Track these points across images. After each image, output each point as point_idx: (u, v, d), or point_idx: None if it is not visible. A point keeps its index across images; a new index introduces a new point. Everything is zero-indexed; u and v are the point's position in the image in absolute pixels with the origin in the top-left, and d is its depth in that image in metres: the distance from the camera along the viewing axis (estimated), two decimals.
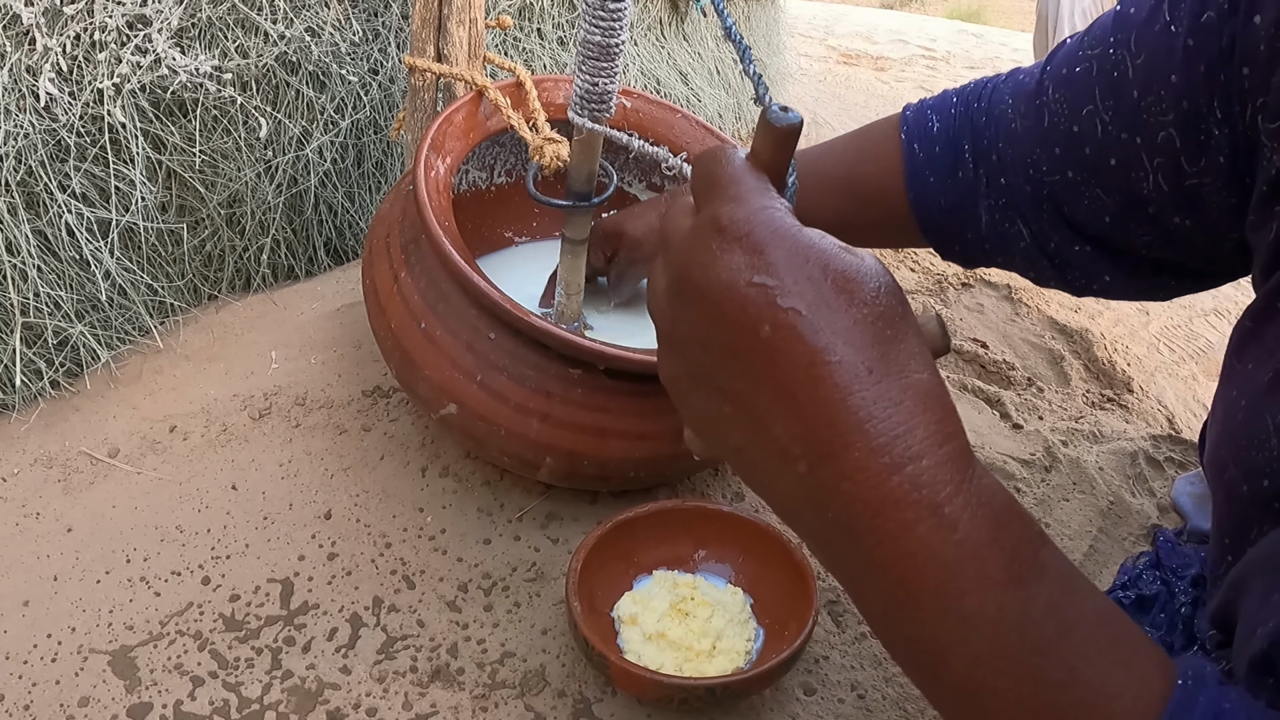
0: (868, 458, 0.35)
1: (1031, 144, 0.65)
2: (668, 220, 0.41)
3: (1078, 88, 0.61)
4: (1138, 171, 0.58)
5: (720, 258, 0.37)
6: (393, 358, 0.77)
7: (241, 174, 1.02)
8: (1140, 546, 0.94)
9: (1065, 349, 1.35)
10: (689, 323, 0.38)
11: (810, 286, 0.36)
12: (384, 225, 0.82)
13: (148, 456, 0.87)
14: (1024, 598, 0.35)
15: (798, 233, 0.37)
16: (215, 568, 0.77)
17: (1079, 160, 0.62)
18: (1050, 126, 0.63)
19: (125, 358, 0.98)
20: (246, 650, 0.71)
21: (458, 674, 0.70)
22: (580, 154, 0.74)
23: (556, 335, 0.69)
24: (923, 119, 0.75)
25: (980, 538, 0.35)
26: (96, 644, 0.70)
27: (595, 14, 0.65)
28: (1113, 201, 0.61)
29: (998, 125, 0.69)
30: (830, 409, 0.35)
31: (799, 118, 0.39)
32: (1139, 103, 0.56)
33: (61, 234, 0.90)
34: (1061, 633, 0.35)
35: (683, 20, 1.64)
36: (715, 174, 0.40)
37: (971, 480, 0.36)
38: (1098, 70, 0.59)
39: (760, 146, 0.40)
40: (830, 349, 0.35)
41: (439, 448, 0.88)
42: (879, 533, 0.35)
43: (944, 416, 0.37)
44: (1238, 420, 0.49)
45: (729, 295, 0.36)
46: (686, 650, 0.66)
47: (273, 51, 0.99)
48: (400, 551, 0.79)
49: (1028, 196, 0.67)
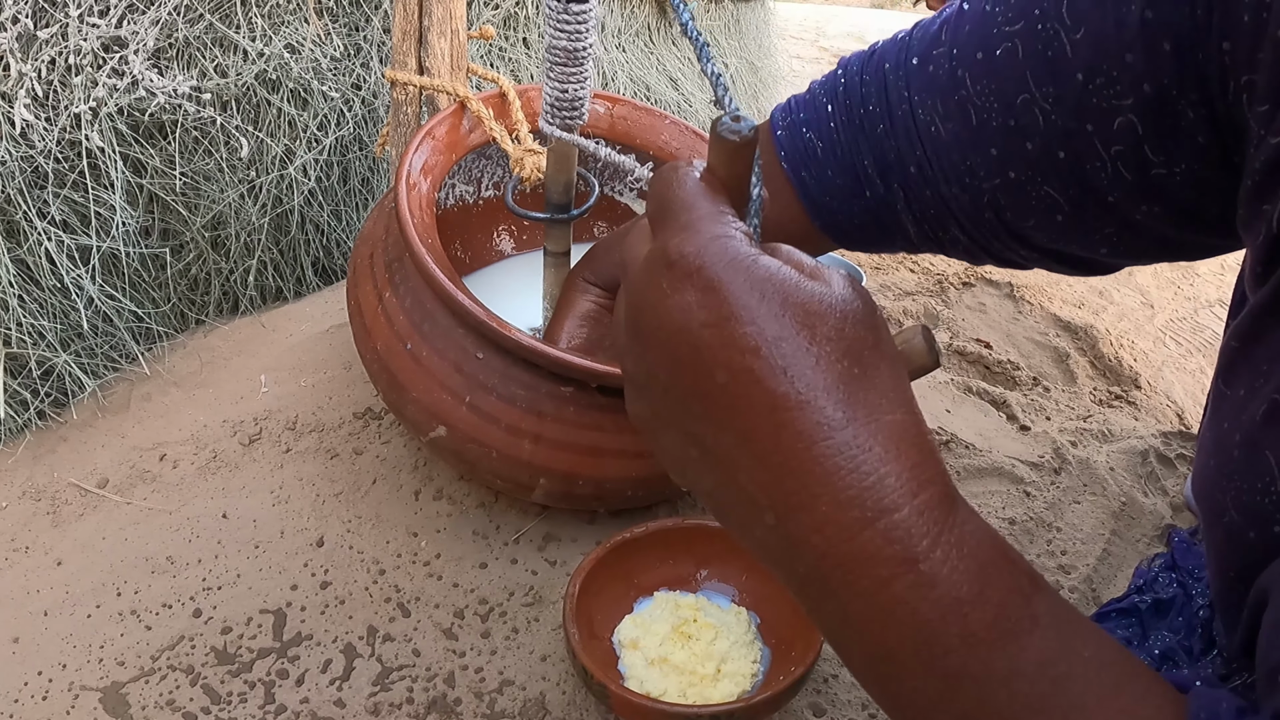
0: (836, 511, 0.32)
1: (962, 149, 0.57)
2: (626, 248, 0.39)
3: (1004, 75, 0.52)
4: (1093, 163, 0.50)
5: (670, 297, 0.34)
6: (380, 380, 0.76)
7: (224, 195, 1.00)
8: (1155, 548, 0.92)
9: (1070, 346, 1.33)
10: (648, 364, 0.36)
11: (768, 325, 0.33)
12: (368, 244, 0.80)
13: (137, 486, 0.85)
14: (1014, 652, 0.33)
15: (754, 264, 0.34)
16: (206, 599, 0.75)
17: (1021, 158, 0.54)
18: (980, 125, 0.55)
19: (112, 386, 0.97)
20: (239, 684, 0.69)
21: (455, 705, 0.68)
22: (556, 164, 0.72)
23: (546, 353, 0.67)
24: (799, 141, 0.66)
25: (962, 593, 0.33)
26: (87, 681, 0.69)
27: (559, 18, 0.63)
28: (1065, 198, 0.54)
29: (909, 133, 0.60)
30: (795, 458, 0.33)
31: (754, 127, 0.35)
32: (1085, 86, 0.48)
33: (42, 262, 0.88)
34: (1056, 686, 0.33)
35: (671, 25, 1.63)
36: (666, 198, 0.36)
37: (952, 529, 0.33)
38: (1024, 52, 0.51)
39: (715, 162, 0.37)
40: (791, 394, 0.33)
41: (432, 470, 0.86)
42: (854, 588, 0.33)
43: (919, 460, 0.34)
44: (1234, 458, 0.44)
45: (682, 339, 0.34)
46: (690, 675, 0.64)
47: (252, 70, 0.98)
48: (394, 578, 0.77)
49: (964, 206, 0.59)
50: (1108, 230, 0.54)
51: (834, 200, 0.65)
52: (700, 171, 0.37)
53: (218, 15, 0.95)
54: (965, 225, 0.61)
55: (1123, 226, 0.53)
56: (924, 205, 0.62)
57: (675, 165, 0.38)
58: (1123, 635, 0.76)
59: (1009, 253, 0.61)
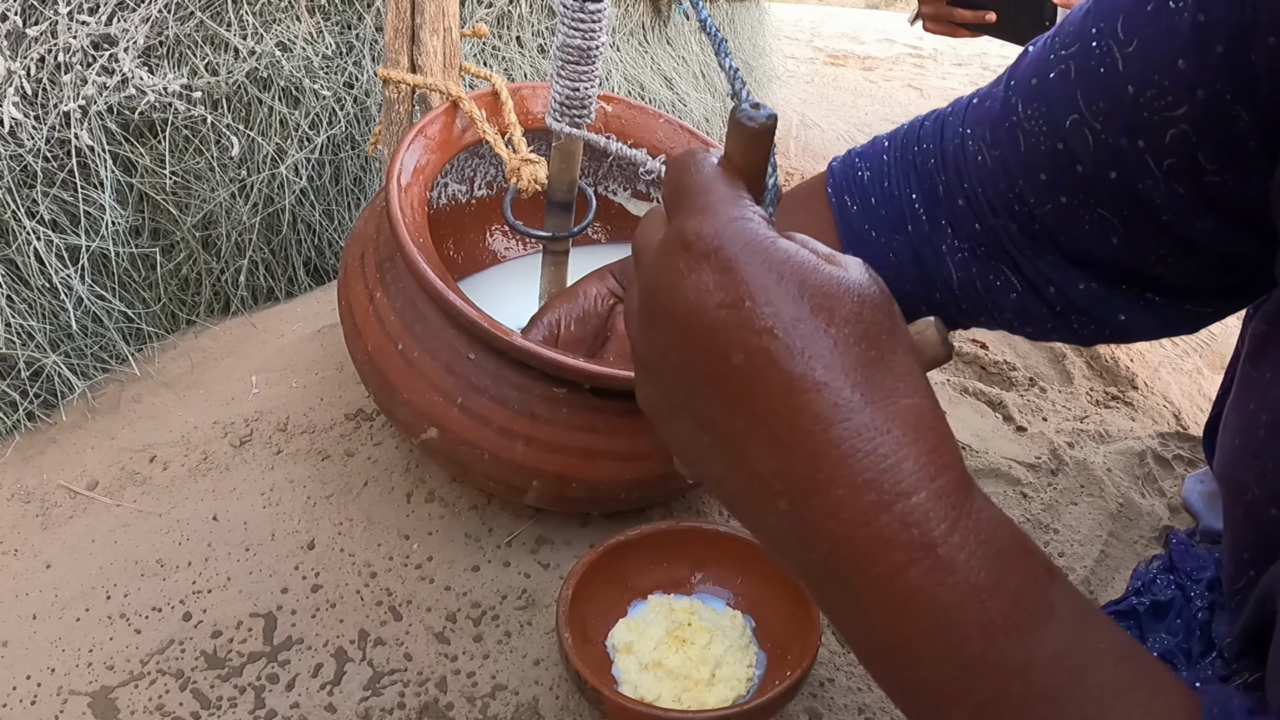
0: (853, 495, 0.32)
1: (1010, 176, 0.57)
2: (639, 233, 0.38)
3: (1054, 97, 0.53)
4: (1145, 181, 0.50)
5: (687, 277, 0.34)
6: (371, 381, 0.75)
7: (215, 194, 1.00)
8: (1153, 549, 0.91)
9: (1067, 347, 1.32)
10: (660, 348, 0.36)
11: (786, 306, 0.33)
12: (359, 244, 0.79)
13: (127, 488, 0.85)
14: (1031, 642, 0.32)
15: (771, 246, 0.34)
16: (196, 602, 0.74)
17: (1072, 181, 0.54)
18: (1029, 150, 0.55)
19: (102, 387, 0.96)
20: (229, 689, 0.68)
21: (447, 709, 0.67)
22: (560, 162, 0.72)
23: (539, 354, 0.66)
24: (850, 170, 0.66)
25: (980, 579, 0.32)
26: (76, 685, 0.68)
27: (574, 16, 0.62)
28: (1119, 219, 0.53)
29: (959, 165, 0.60)
30: (811, 441, 0.32)
31: (772, 114, 0.35)
32: (1136, 100, 0.48)
33: (31, 262, 0.87)
34: (1073, 677, 0.33)
35: (665, 24, 1.62)
36: (683, 182, 0.36)
37: (969, 515, 0.33)
38: (1076, 71, 0.51)
39: (733, 149, 0.37)
40: (808, 375, 0.32)
41: (424, 472, 0.85)
42: (868, 575, 0.32)
43: (937, 445, 0.33)
44: (1259, 439, 0.45)
45: (697, 319, 0.33)
46: (685, 679, 0.64)
47: (243, 68, 0.97)
48: (386, 581, 0.76)
49: (1014, 237, 0.59)
50: (1163, 252, 0.54)
51: (874, 229, 0.64)
52: (718, 158, 0.37)
53: (208, 13, 0.94)
54: (1018, 260, 0.59)
55: (1178, 246, 0.53)
56: (974, 241, 0.61)
57: (693, 151, 0.37)
58: None
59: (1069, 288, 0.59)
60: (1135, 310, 0.58)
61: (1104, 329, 0.61)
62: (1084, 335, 0.62)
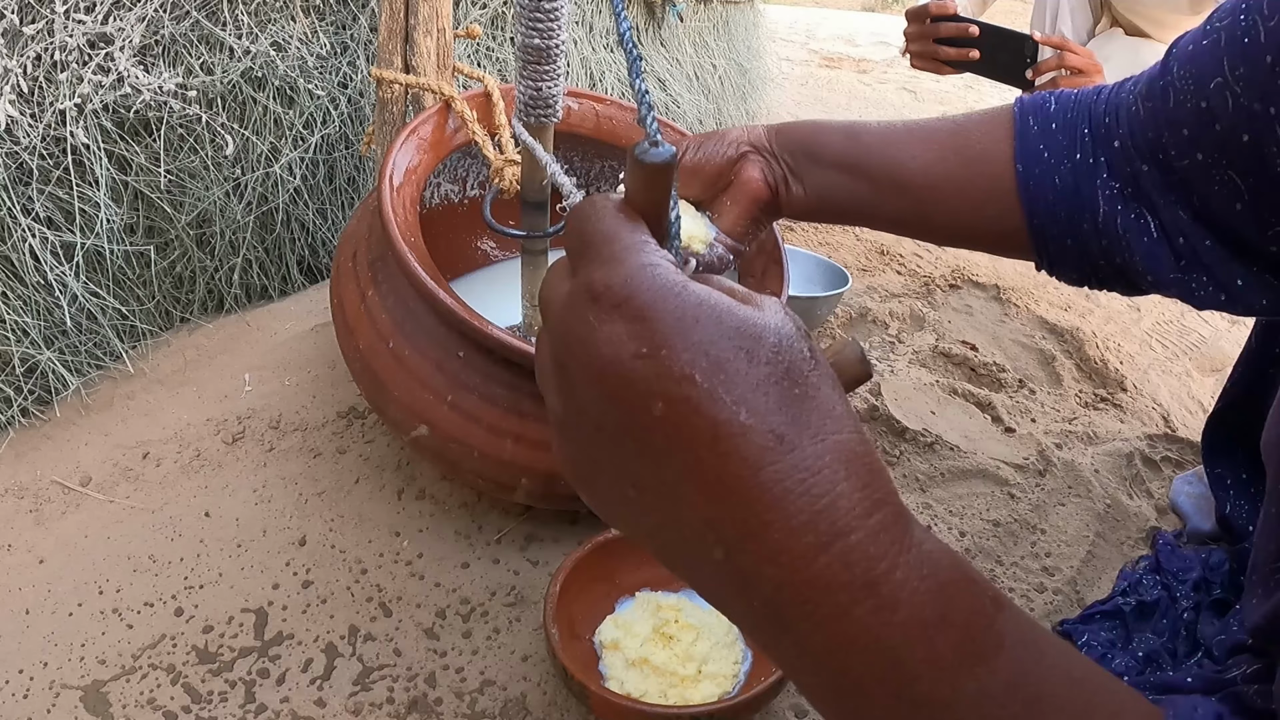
0: (789, 538, 0.31)
1: (1158, 127, 0.62)
2: (544, 286, 0.37)
3: (1203, 61, 0.57)
4: (1270, 148, 0.54)
5: (599, 330, 0.32)
6: (362, 379, 0.75)
7: (210, 193, 1.00)
8: (1139, 550, 0.92)
9: (1056, 349, 1.33)
10: (578, 404, 0.34)
11: (703, 351, 0.31)
12: (351, 243, 0.80)
13: (120, 484, 0.85)
14: (982, 674, 0.32)
15: (684, 290, 0.32)
16: (188, 598, 0.75)
17: (1209, 140, 0.58)
18: (1176, 105, 0.60)
19: (96, 384, 0.96)
20: (220, 683, 0.69)
21: (436, 704, 0.68)
22: (530, 163, 0.72)
23: (527, 352, 0.67)
24: (1038, 99, 0.71)
25: (926, 615, 0.32)
26: (68, 679, 0.68)
27: (531, 16, 0.62)
28: (1245, 185, 0.57)
29: (1118, 114, 0.66)
30: (741, 486, 0.31)
31: (672, 151, 0.34)
32: (1273, 68, 0.52)
33: (26, 259, 0.88)
34: (1028, 706, 0.32)
35: (659, 26, 1.63)
36: (586, 231, 0.35)
37: (909, 549, 0.32)
38: (1226, 40, 0.55)
39: (633, 189, 0.35)
40: (733, 420, 0.31)
41: (415, 470, 0.86)
42: (813, 619, 0.32)
43: (869, 480, 0.33)
44: None
45: (614, 371, 0.32)
46: (671, 676, 0.64)
47: (238, 67, 0.97)
48: (376, 578, 0.77)
49: (1156, 183, 0.63)
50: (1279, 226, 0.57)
51: (1047, 149, 0.69)
52: (617, 202, 0.36)
53: (204, 12, 0.94)
54: (1156, 204, 0.64)
55: None
56: (1123, 181, 0.65)
57: (592, 199, 0.36)
58: (1106, 637, 0.76)
59: (1196, 242, 0.62)
60: (1252, 279, 0.62)
61: (1220, 293, 0.63)
62: (1199, 297, 0.64)
